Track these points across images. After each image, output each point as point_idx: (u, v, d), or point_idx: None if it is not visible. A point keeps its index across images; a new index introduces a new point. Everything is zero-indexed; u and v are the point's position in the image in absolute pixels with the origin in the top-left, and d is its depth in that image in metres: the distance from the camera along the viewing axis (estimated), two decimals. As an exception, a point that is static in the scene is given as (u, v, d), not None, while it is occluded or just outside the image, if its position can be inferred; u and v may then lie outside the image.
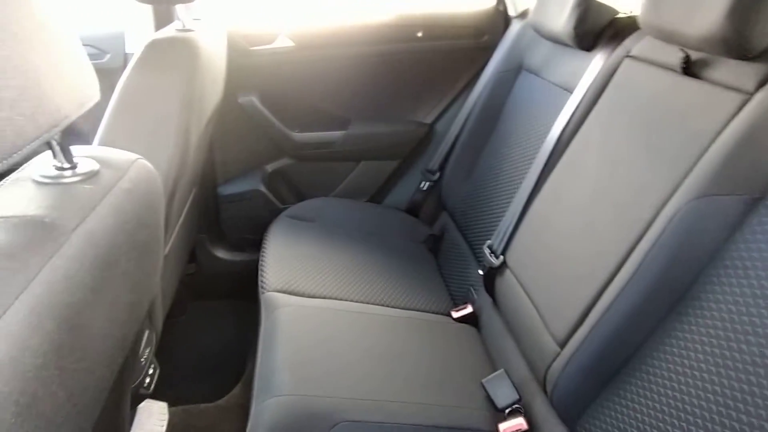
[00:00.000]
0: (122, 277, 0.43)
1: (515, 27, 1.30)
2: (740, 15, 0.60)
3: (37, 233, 0.31)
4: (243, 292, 1.36)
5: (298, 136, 1.42)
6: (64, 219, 0.34)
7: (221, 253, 1.46)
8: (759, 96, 0.60)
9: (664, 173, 0.66)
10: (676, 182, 0.63)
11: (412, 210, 1.46)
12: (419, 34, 1.40)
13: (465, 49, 1.43)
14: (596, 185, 0.79)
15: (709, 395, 0.55)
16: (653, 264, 0.61)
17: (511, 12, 1.37)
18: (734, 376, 0.53)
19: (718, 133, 0.62)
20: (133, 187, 0.44)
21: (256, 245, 1.30)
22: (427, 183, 1.41)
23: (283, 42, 1.35)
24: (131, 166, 0.47)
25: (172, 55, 0.80)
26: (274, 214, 1.33)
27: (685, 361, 0.58)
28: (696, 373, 0.57)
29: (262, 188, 1.45)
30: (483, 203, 1.18)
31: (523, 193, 0.96)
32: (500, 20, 1.40)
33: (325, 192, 1.51)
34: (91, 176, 0.42)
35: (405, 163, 1.51)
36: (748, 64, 0.63)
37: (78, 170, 0.42)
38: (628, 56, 0.86)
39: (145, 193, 0.49)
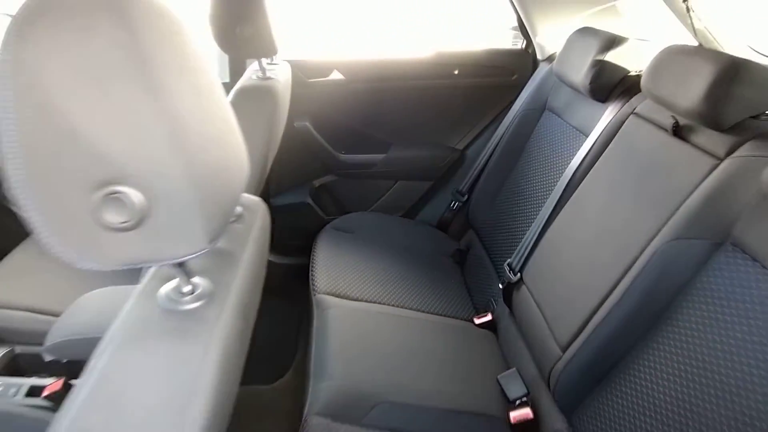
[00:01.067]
0: None
1: (542, 70, 1.47)
2: (715, 96, 0.76)
3: (226, 259, 0.50)
4: (288, 291, 1.55)
5: (344, 157, 1.61)
6: (236, 249, 0.52)
7: (271, 257, 1.66)
8: (726, 162, 0.76)
9: (650, 217, 0.82)
10: (658, 226, 0.79)
11: (442, 226, 1.63)
12: (456, 72, 1.58)
13: (496, 86, 1.60)
14: (598, 222, 0.95)
15: (678, 394, 0.71)
16: (636, 291, 0.78)
17: (539, 55, 1.53)
18: (697, 380, 0.69)
19: (695, 187, 0.78)
20: (263, 224, 0.63)
21: (300, 251, 1.49)
22: (457, 203, 1.58)
23: (336, 75, 1.55)
24: (258, 207, 0.65)
25: (257, 102, 0.99)
26: (319, 224, 1.52)
27: (660, 367, 0.74)
28: (668, 376, 0.73)
29: (310, 201, 1.65)
30: (505, 225, 1.35)
31: (540, 221, 1.13)
32: (529, 62, 1.57)
33: (365, 206, 1.70)
34: (239, 217, 0.60)
35: (438, 184, 1.69)
36: (720, 134, 0.79)
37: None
38: (633, 113, 1.02)
39: (265, 227, 0.66)
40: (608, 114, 1.09)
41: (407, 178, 1.67)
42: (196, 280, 0.45)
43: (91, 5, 0.31)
